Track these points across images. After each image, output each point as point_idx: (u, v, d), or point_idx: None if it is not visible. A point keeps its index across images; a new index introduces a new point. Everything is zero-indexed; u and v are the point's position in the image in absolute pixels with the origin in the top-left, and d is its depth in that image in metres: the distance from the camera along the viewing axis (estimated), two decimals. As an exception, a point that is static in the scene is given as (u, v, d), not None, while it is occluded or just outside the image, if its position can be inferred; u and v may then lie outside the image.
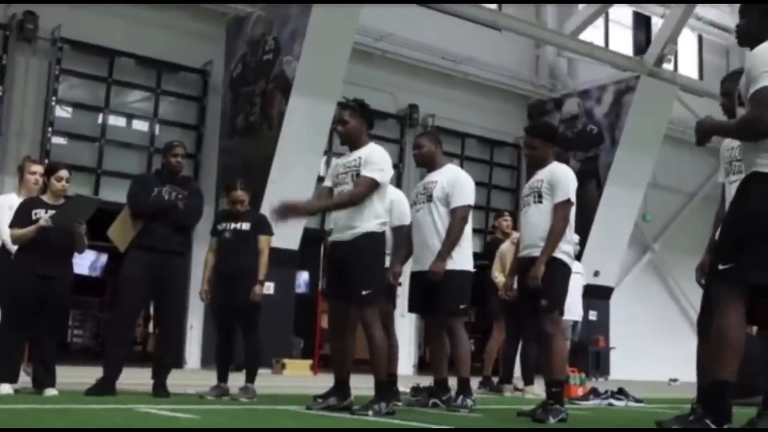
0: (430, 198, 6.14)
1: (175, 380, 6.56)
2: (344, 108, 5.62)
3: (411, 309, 6.38)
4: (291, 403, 5.78)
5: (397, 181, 14.94)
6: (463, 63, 16.58)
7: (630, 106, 16.40)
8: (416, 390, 6.56)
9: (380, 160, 5.42)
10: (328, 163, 14.95)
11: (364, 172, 5.33)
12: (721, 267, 3.75)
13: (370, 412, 5.07)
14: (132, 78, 13.79)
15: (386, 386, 5.36)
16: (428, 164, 6.36)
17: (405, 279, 6.45)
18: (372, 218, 5.33)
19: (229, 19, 14.38)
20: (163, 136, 12.90)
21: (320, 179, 14.19)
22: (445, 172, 6.27)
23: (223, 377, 6.56)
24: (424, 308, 6.23)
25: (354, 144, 5.53)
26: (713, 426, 3.58)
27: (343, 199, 5.35)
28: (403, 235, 6.36)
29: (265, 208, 9.81)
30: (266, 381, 6.99)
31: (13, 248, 6.25)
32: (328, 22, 12.83)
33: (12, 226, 6.14)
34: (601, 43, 18.31)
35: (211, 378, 6.83)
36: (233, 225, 6.72)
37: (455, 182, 6.18)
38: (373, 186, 5.32)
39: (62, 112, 13.07)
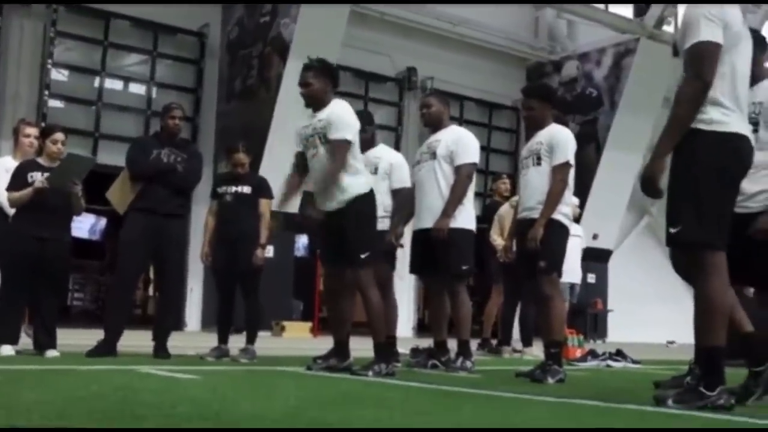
0: (433, 155, 6.10)
1: (175, 342, 6.59)
2: (307, 69, 5.44)
3: (413, 270, 6.38)
4: (291, 364, 5.82)
5: (396, 144, 14.90)
6: (462, 25, 16.46)
7: (630, 68, 16.33)
8: (416, 351, 6.59)
9: (344, 115, 5.30)
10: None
11: (333, 135, 5.21)
12: (671, 231, 3.72)
13: (370, 373, 5.10)
14: (128, 41, 13.71)
15: (385, 347, 5.38)
16: (435, 124, 6.31)
17: (405, 241, 6.45)
18: (355, 179, 5.29)
19: (226, -20, 14.25)
20: (160, 99, 12.83)
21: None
22: (449, 132, 6.25)
23: (223, 339, 6.58)
24: (426, 269, 6.23)
25: (318, 105, 5.39)
26: (707, 392, 3.60)
27: (333, 173, 5.22)
28: (404, 197, 6.34)
29: (264, 171, 9.81)
30: (266, 343, 7.04)
31: (10, 211, 6.25)
32: (326, -16, 12.73)
33: (8, 189, 6.13)
34: (601, 5, 18.17)
35: (211, 340, 6.86)
36: (234, 188, 6.70)
37: (459, 140, 6.15)
38: (347, 146, 5.24)
39: (58, 75, 13.00)
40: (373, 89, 15.92)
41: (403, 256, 6.60)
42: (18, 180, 6.10)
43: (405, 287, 13.89)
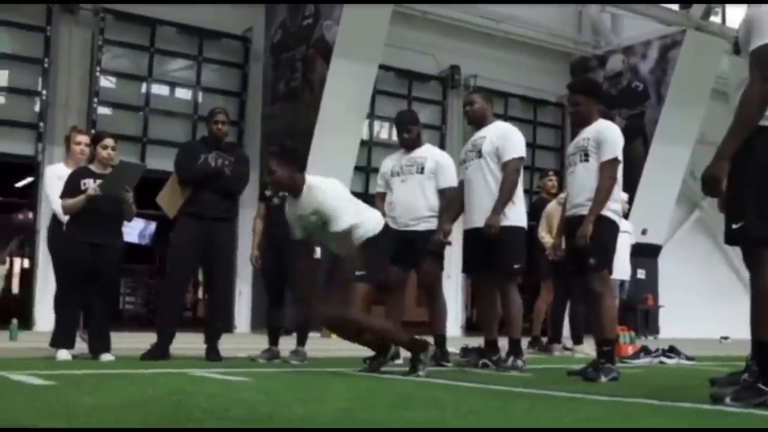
0: (479, 154, 6.10)
1: (225, 344, 6.65)
2: (272, 156, 5.45)
3: (466, 269, 6.34)
4: (341, 365, 5.84)
5: (441, 143, 14.88)
6: (505, 22, 16.36)
7: (676, 61, 16.07)
8: (466, 351, 6.56)
9: (334, 200, 5.30)
10: (371, 127, 14.97)
11: (333, 228, 5.27)
12: (734, 226, 3.68)
13: (421, 372, 5.09)
14: (174, 46, 13.86)
15: (413, 342, 5.31)
16: (478, 121, 6.30)
17: (454, 240, 6.42)
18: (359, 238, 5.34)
19: (268, -16, 14.34)
20: (206, 103, 12.97)
21: (363, 143, 14.21)
22: (494, 128, 6.22)
23: (273, 341, 6.63)
24: (479, 267, 6.19)
25: (293, 192, 5.43)
26: (766, 389, 3.54)
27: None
28: (450, 197, 6.32)
29: (311, 173, 9.86)
30: (316, 344, 7.07)
31: (65, 218, 6.35)
32: (368, -16, 12.74)
33: (62, 196, 6.24)
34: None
35: (261, 342, 6.91)
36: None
37: (505, 136, 6.12)
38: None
39: (107, 82, 13.20)
40: (416, 88, 15.91)
41: (451, 255, 6.58)
42: (71, 187, 6.21)
43: (453, 286, 13.88)
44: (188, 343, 6.68)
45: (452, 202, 6.31)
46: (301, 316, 6.54)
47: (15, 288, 12.37)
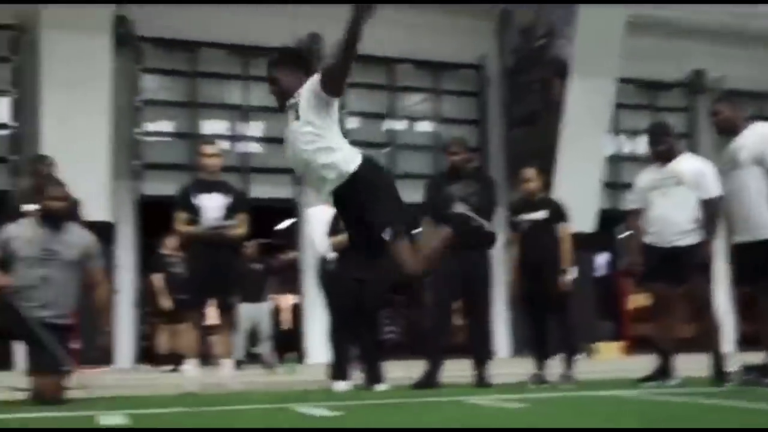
0: (739, 164, 5.75)
1: (490, 370, 6.69)
2: (275, 65, 4.21)
3: (738, 282, 5.98)
4: (610, 388, 5.68)
5: (692, 152, 14.16)
6: (748, 17, 15.36)
7: None
8: (748, 368, 6.16)
9: None
10: (616, 142, 14.60)
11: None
12: None
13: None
14: (411, 82, 14.30)
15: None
16: (730, 130, 5.95)
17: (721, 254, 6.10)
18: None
19: (498, 11, 14.43)
20: (447, 134, 13.24)
21: (607, 159, 13.86)
22: (750, 133, 5.83)
23: (540, 365, 6.59)
24: (752, 280, 5.82)
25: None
26: None
27: None
28: (715, 207, 6.00)
29: (557, 193, 9.76)
30: (580, 366, 6.93)
31: (329, 255, 6.69)
32: (599, -1, 12.53)
33: (329, 235, 6.60)
34: None
35: (523, 366, 6.87)
36: (531, 215, 6.74)
37: (765, 138, 5.72)
38: None
39: (352, 123, 13.83)
40: (659, 97, 15.35)
41: (719, 267, 6.24)
42: (334, 226, 6.56)
43: (722, 299, 13.09)
44: (456, 370, 6.78)
45: (716, 215, 5.97)
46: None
47: (285, 324, 13.18)
